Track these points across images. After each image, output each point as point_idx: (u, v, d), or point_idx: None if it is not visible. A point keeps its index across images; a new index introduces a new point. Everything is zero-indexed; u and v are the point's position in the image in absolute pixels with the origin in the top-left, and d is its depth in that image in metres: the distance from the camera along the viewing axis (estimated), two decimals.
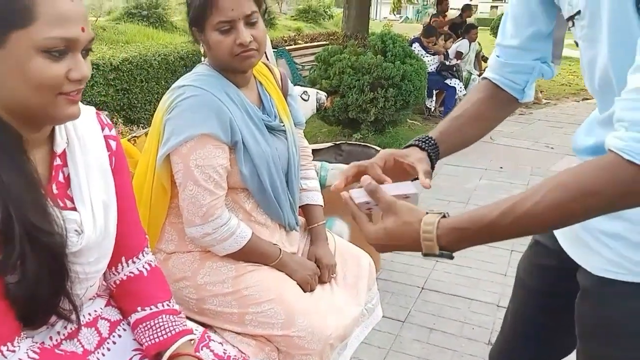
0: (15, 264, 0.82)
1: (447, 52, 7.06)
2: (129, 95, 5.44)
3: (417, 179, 0.95)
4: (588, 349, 0.96)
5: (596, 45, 0.81)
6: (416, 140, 0.99)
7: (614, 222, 0.85)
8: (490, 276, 2.67)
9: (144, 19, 9.19)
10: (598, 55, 0.81)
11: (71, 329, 1.00)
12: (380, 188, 0.83)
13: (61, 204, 0.94)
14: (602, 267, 0.88)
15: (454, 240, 0.76)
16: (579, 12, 0.83)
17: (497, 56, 1.06)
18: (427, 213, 0.79)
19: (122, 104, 5.37)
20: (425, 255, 0.79)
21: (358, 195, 0.86)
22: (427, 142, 0.98)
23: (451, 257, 0.78)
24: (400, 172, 0.94)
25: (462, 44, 7.17)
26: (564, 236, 1.02)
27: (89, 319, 1.05)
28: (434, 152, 0.98)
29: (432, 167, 1.00)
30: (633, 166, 0.65)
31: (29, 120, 0.87)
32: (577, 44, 0.89)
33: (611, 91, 0.72)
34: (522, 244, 1.18)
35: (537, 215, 0.71)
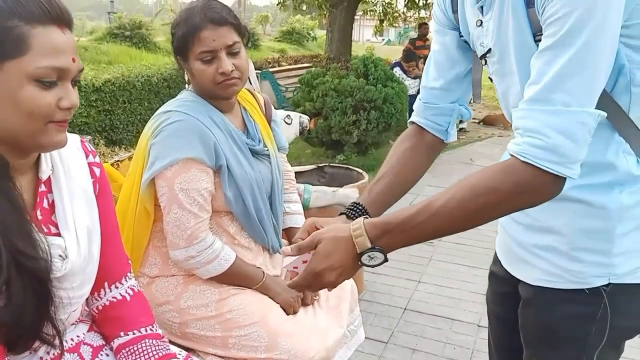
0: (0, 289, 0.82)
1: None
2: (111, 116, 5.41)
3: None
4: (534, 356, 1.02)
5: (507, 79, 0.92)
6: (346, 209, 1.06)
7: (546, 236, 0.94)
8: (471, 296, 2.71)
9: (127, 39, 9.20)
10: (511, 87, 0.91)
11: (54, 354, 0.99)
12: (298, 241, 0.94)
13: (45, 230, 0.95)
14: (539, 277, 0.96)
15: (379, 235, 0.84)
16: (489, 50, 0.93)
17: (420, 99, 1.16)
18: None
19: (104, 125, 5.34)
20: (360, 255, 0.85)
21: (287, 261, 0.97)
22: (355, 210, 1.05)
23: (384, 256, 0.84)
24: None
25: None
26: (503, 256, 1.10)
27: (71, 344, 1.05)
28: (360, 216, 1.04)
29: None
30: (528, 166, 0.75)
31: (16, 147, 0.88)
32: (491, 80, 0.99)
33: None
34: None
35: (446, 213, 0.80)
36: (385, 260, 0.85)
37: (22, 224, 0.87)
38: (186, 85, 1.53)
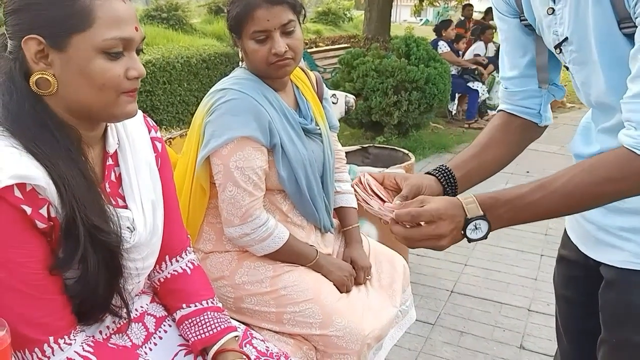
0: (77, 261, 0.84)
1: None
2: (152, 97, 5.49)
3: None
4: (614, 337, 0.99)
5: (587, 67, 0.89)
6: (432, 170, 1.03)
7: (633, 217, 0.92)
8: (521, 280, 2.65)
9: (164, 21, 9.26)
10: (591, 75, 0.88)
11: (120, 323, 1.02)
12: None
13: (114, 202, 0.96)
14: (626, 259, 0.94)
15: (486, 208, 0.82)
16: (566, 39, 0.89)
17: (505, 88, 1.11)
18: None
19: (144, 106, 5.42)
20: (467, 222, 0.82)
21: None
22: (439, 170, 1.02)
23: (487, 231, 0.82)
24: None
25: (478, 47, 7.09)
26: (579, 240, 1.08)
27: (135, 315, 1.08)
28: (446, 178, 1.01)
29: (449, 194, 1.02)
30: None
31: (88, 119, 0.90)
32: (567, 68, 0.95)
33: (609, 103, 0.83)
34: (553, 249, 1.19)
35: (563, 194, 0.79)
36: (485, 237, 0.83)
37: (95, 198, 0.88)
38: (240, 63, 1.53)
